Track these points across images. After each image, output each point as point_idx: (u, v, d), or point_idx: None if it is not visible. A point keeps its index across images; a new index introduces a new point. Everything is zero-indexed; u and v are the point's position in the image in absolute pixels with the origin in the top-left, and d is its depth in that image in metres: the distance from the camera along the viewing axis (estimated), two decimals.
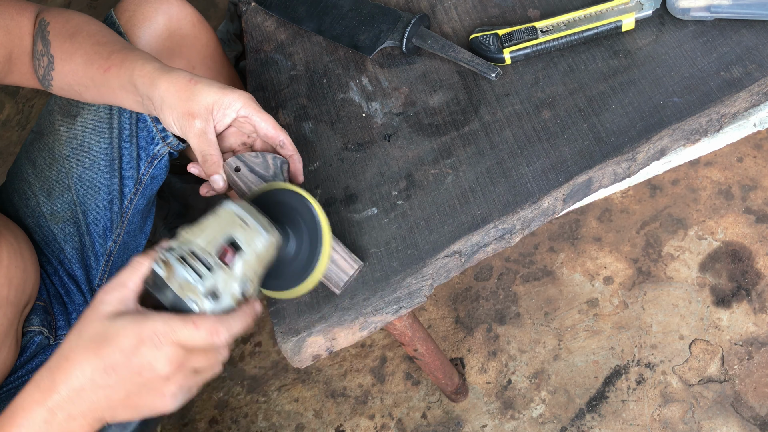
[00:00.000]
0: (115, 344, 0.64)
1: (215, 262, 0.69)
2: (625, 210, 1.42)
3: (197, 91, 0.82)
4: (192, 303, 0.68)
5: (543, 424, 1.29)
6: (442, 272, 0.86)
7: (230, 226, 0.71)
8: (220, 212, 0.73)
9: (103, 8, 2.12)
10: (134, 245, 1.12)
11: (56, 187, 1.06)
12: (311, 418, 1.40)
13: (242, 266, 0.70)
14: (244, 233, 0.71)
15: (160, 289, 0.69)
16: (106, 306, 0.67)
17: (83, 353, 0.65)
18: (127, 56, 0.87)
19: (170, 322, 0.65)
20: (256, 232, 0.71)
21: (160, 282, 0.69)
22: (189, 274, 0.68)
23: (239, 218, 0.72)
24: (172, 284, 0.68)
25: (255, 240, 0.71)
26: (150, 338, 0.64)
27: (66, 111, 1.06)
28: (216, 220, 0.72)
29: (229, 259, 0.69)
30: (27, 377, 0.98)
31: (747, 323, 1.28)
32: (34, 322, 1.00)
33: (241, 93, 0.84)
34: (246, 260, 0.70)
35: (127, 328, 0.65)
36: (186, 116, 0.82)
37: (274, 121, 0.86)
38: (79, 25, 0.93)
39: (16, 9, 0.95)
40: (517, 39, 0.92)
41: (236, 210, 0.72)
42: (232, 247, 0.70)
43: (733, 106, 0.85)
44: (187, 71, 0.84)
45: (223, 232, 0.71)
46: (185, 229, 0.72)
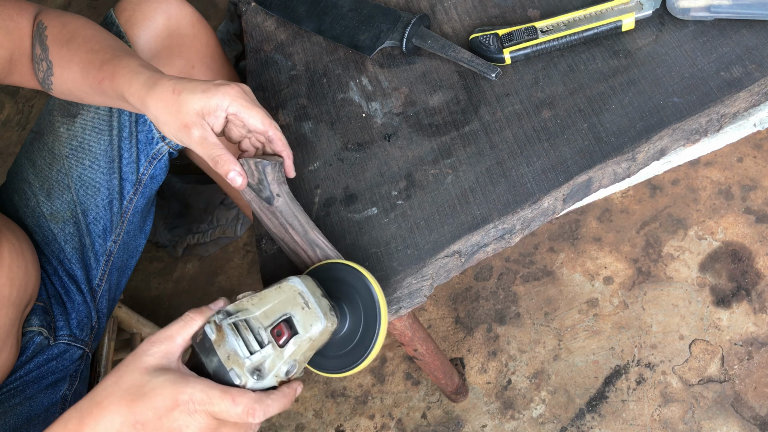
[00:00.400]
0: (149, 401, 0.63)
1: (268, 338, 0.68)
2: (625, 210, 1.42)
3: (183, 102, 0.79)
4: (235, 377, 0.66)
5: (543, 424, 1.29)
6: (442, 272, 0.86)
7: (291, 304, 0.70)
8: (283, 286, 0.71)
9: (103, 8, 2.12)
10: (134, 245, 1.12)
11: (56, 186, 1.06)
12: (311, 418, 1.40)
13: (294, 349, 0.69)
14: (303, 315, 0.69)
15: (206, 353, 0.67)
16: (149, 358, 0.66)
17: (117, 403, 0.64)
18: (117, 69, 0.85)
19: (209, 392, 0.64)
20: (315, 317, 0.70)
21: (209, 345, 0.67)
22: (239, 346, 0.67)
23: (302, 297, 0.70)
24: (219, 351, 0.67)
25: (313, 325, 0.69)
26: (186, 404, 0.63)
27: (66, 111, 1.06)
28: (278, 294, 0.70)
29: (283, 338, 0.68)
30: (26, 378, 0.98)
31: (747, 323, 1.28)
32: (34, 322, 0.99)
33: (227, 90, 0.80)
34: (299, 344, 0.69)
35: (165, 388, 0.64)
36: (181, 129, 0.80)
37: (264, 115, 0.82)
38: (75, 31, 0.93)
39: (16, 10, 0.95)
40: (517, 39, 0.92)
41: (300, 288, 0.71)
42: (287, 327, 0.69)
43: (733, 106, 0.85)
44: (171, 80, 0.81)
45: (283, 308, 0.69)
46: (245, 295, 0.70)
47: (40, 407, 0.97)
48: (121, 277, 1.12)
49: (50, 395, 0.99)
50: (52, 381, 1.00)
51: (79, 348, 1.04)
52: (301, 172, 0.96)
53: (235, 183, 0.82)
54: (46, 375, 1.00)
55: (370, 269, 0.86)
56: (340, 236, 0.89)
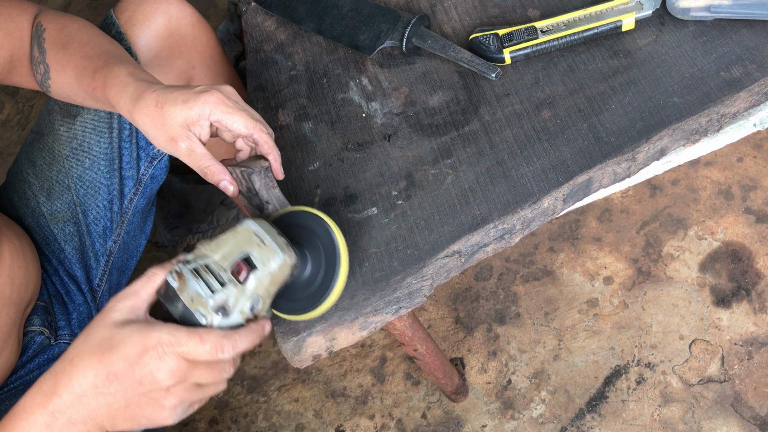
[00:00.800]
0: (119, 352, 0.64)
1: (228, 277, 0.69)
2: (625, 210, 1.42)
3: (166, 115, 0.79)
4: (201, 317, 0.68)
5: (543, 424, 1.29)
6: (442, 272, 0.86)
7: (247, 243, 0.71)
8: (238, 229, 0.73)
9: (103, 8, 2.12)
10: (134, 245, 1.12)
11: (56, 187, 1.06)
12: (311, 418, 1.40)
13: (255, 284, 0.70)
14: (260, 251, 0.71)
15: (171, 301, 0.69)
16: (116, 313, 0.67)
17: (87, 359, 0.65)
18: (107, 79, 0.85)
19: (176, 333, 0.65)
20: (272, 252, 0.71)
21: (172, 293, 0.69)
22: (201, 288, 0.68)
23: (257, 236, 0.72)
24: (183, 296, 0.68)
25: (270, 259, 0.71)
26: (154, 348, 0.64)
27: (66, 111, 1.06)
28: (234, 237, 0.72)
29: (243, 276, 0.70)
30: (28, 377, 0.98)
31: (747, 323, 1.28)
32: (35, 322, 1.00)
33: (206, 99, 0.79)
34: (259, 278, 0.70)
35: (132, 337, 0.65)
36: (169, 142, 0.80)
37: (247, 119, 0.81)
38: (72, 34, 0.92)
39: (17, 10, 0.95)
40: (517, 39, 0.92)
41: (254, 228, 0.72)
42: (246, 265, 0.70)
43: (733, 106, 0.85)
44: (155, 92, 0.80)
45: (240, 249, 0.71)
46: (203, 243, 0.72)
47: None
48: (121, 277, 1.12)
49: None
50: None
51: None
52: (301, 172, 0.96)
53: (228, 192, 0.83)
54: None
55: (370, 269, 0.86)
56: None
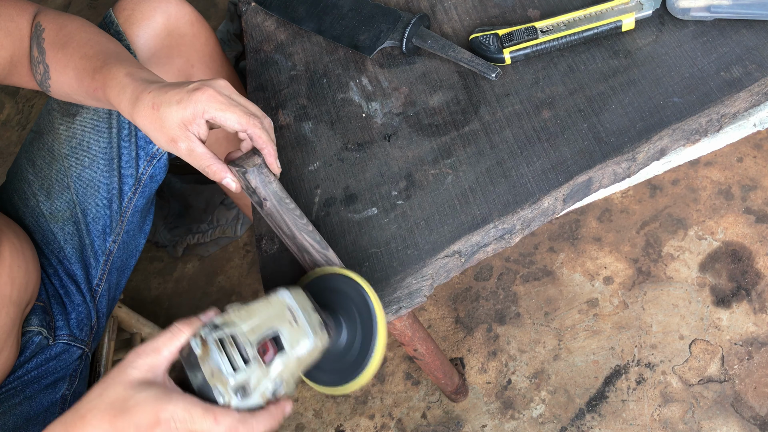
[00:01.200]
0: (131, 417, 0.63)
1: (254, 355, 0.65)
2: (625, 210, 1.42)
3: (163, 117, 0.78)
4: (219, 395, 0.65)
5: (543, 424, 1.29)
6: (442, 272, 0.86)
7: (279, 319, 0.68)
8: (272, 300, 0.69)
9: (103, 8, 2.12)
10: (133, 245, 1.12)
11: (56, 186, 1.06)
12: (311, 418, 1.40)
13: (281, 368, 0.67)
14: (290, 332, 0.67)
15: (191, 368, 0.66)
16: (134, 371, 0.66)
17: (99, 417, 0.64)
18: (107, 80, 0.85)
19: (191, 410, 0.63)
20: (303, 334, 0.68)
21: (194, 360, 0.66)
22: (223, 363, 0.65)
23: (290, 312, 0.68)
24: (204, 367, 0.65)
25: (300, 342, 0.68)
26: (167, 421, 0.63)
27: (65, 110, 1.06)
28: (266, 308, 0.68)
29: (269, 356, 0.66)
30: (25, 377, 0.98)
31: (747, 323, 1.28)
32: (33, 322, 0.99)
33: (199, 97, 0.78)
34: (285, 363, 0.67)
35: (147, 404, 0.63)
36: (169, 143, 0.80)
37: (240, 114, 0.79)
38: (71, 34, 0.92)
39: (17, 10, 0.95)
40: (517, 39, 0.92)
41: (289, 302, 0.69)
42: (274, 344, 0.67)
43: (733, 106, 0.85)
44: (152, 93, 0.80)
45: (270, 323, 0.67)
46: (234, 308, 0.68)
47: (39, 407, 0.97)
48: (120, 277, 1.12)
49: (50, 395, 0.99)
50: (51, 381, 1.00)
51: (78, 348, 1.04)
52: (301, 172, 0.96)
53: (231, 188, 0.82)
54: (46, 375, 1.00)
55: (370, 269, 0.86)
56: (340, 236, 0.89)
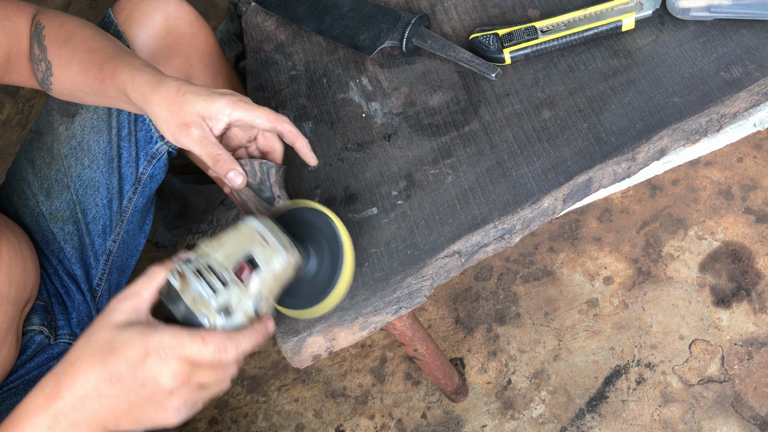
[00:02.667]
0: (121, 355, 0.64)
1: (231, 278, 0.68)
2: (625, 210, 1.42)
3: (186, 102, 0.79)
4: (203, 318, 0.67)
5: (543, 424, 1.29)
6: (442, 272, 0.86)
7: (250, 242, 0.70)
8: (241, 227, 0.72)
9: (103, 8, 2.12)
10: (134, 244, 1.12)
11: (55, 186, 1.06)
12: (311, 418, 1.40)
13: (258, 284, 0.69)
14: (263, 251, 0.70)
15: (173, 301, 0.68)
16: (117, 315, 0.67)
17: (89, 361, 0.65)
18: (118, 67, 0.85)
19: (178, 335, 0.65)
20: (275, 251, 0.71)
21: (174, 293, 0.68)
22: (203, 288, 0.67)
23: (260, 235, 0.71)
24: (185, 297, 0.67)
25: (273, 259, 0.70)
26: (156, 351, 0.64)
27: (65, 110, 1.06)
28: (236, 236, 0.71)
29: (246, 276, 0.69)
30: (27, 377, 0.98)
31: (747, 323, 1.28)
32: (34, 321, 0.99)
33: (228, 98, 0.80)
34: (262, 278, 0.70)
35: (134, 340, 0.64)
36: (181, 127, 0.80)
37: (269, 112, 0.81)
38: (73, 30, 0.92)
39: (14, 10, 0.95)
40: (517, 39, 0.92)
41: (257, 227, 0.72)
42: (249, 264, 0.69)
43: (733, 106, 0.85)
44: (177, 81, 0.81)
45: (242, 248, 0.70)
46: (205, 241, 0.71)
47: None
48: (121, 277, 1.12)
49: None
50: None
51: None
52: (301, 172, 0.96)
53: (235, 183, 0.81)
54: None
55: (370, 269, 0.86)
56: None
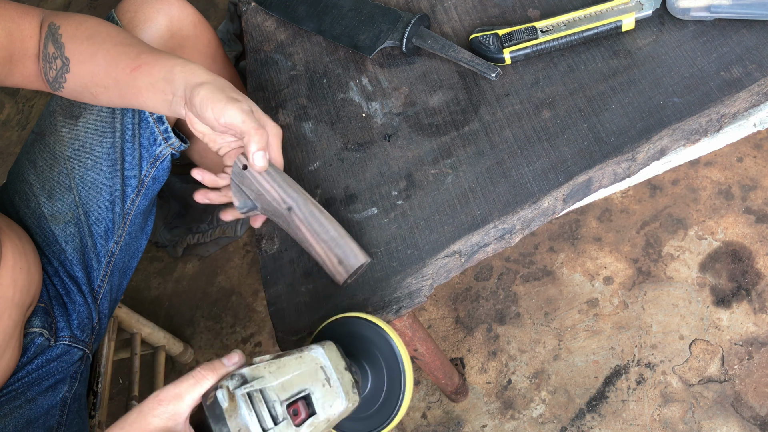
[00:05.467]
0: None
1: (283, 414, 0.63)
2: (625, 210, 1.42)
3: (223, 84, 0.83)
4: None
5: (543, 424, 1.29)
6: (442, 272, 0.86)
7: (311, 378, 0.65)
8: (305, 356, 0.66)
9: (102, 8, 2.12)
10: (135, 246, 1.12)
11: (57, 188, 1.06)
12: None
13: (309, 430, 0.64)
14: (323, 393, 0.65)
15: (217, 420, 0.62)
16: (156, 419, 0.64)
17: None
18: (159, 57, 0.88)
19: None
20: (336, 396, 0.65)
21: (220, 413, 0.62)
22: (252, 422, 0.62)
23: (324, 373, 0.66)
24: (230, 423, 0.62)
25: (333, 404, 0.65)
26: None
27: (68, 112, 1.06)
28: (298, 365, 0.65)
29: (300, 418, 0.63)
30: (27, 379, 0.98)
31: (747, 323, 1.28)
32: (35, 323, 0.99)
33: (272, 123, 0.84)
34: (315, 424, 0.64)
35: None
36: (228, 99, 0.81)
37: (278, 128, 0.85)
38: (94, 27, 0.94)
39: (18, 12, 0.95)
40: (517, 39, 0.92)
41: (323, 362, 0.66)
42: (305, 404, 0.64)
43: (733, 106, 0.85)
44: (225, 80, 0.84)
45: (302, 382, 0.64)
46: (263, 359, 0.66)
47: (39, 410, 0.97)
48: (122, 278, 1.12)
49: (50, 397, 0.99)
50: (52, 383, 1.00)
51: (79, 349, 1.04)
52: (301, 172, 0.96)
53: (259, 162, 0.82)
54: (47, 376, 1.00)
55: (370, 269, 0.86)
56: None
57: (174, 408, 0.64)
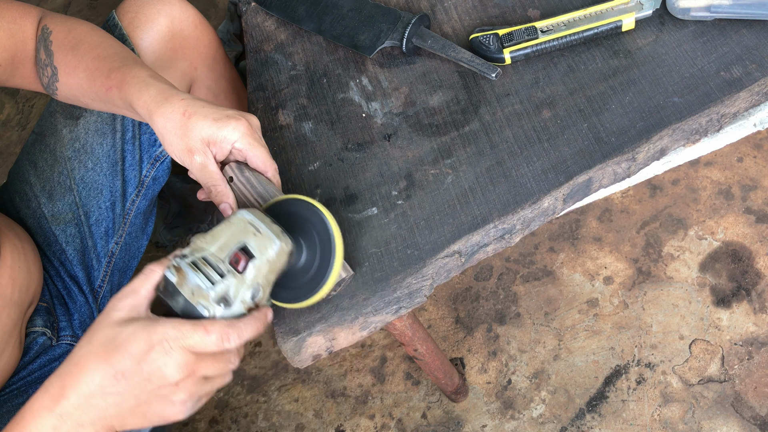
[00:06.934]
0: (124, 350, 0.64)
1: (227, 268, 0.69)
2: (625, 210, 1.43)
3: (192, 126, 0.79)
4: (203, 309, 0.68)
5: (543, 424, 1.29)
6: (442, 272, 0.86)
7: (243, 233, 0.71)
8: (233, 220, 0.73)
9: (103, 8, 2.12)
10: (136, 246, 1.12)
11: (58, 188, 1.06)
12: (311, 418, 1.40)
13: (254, 273, 0.70)
14: (256, 240, 0.71)
15: (171, 296, 0.69)
16: (117, 312, 0.67)
17: (93, 359, 0.65)
18: (126, 78, 0.85)
19: (180, 327, 0.65)
20: (268, 240, 0.72)
21: (172, 288, 0.69)
22: (201, 280, 0.68)
23: (252, 226, 0.72)
24: (183, 290, 0.68)
25: (267, 247, 0.71)
26: (160, 343, 0.64)
27: (68, 113, 1.06)
28: (229, 228, 0.72)
29: (241, 265, 0.70)
30: (29, 378, 0.98)
31: (747, 323, 1.28)
32: (37, 323, 1.00)
33: (237, 126, 0.80)
34: (258, 267, 0.71)
35: (137, 334, 0.64)
36: (185, 152, 0.81)
37: (266, 156, 0.83)
38: (81, 36, 0.92)
39: (19, 13, 0.95)
40: (517, 39, 0.92)
41: (249, 218, 0.73)
42: (244, 254, 0.70)
43: (733, 106, 0.85)
44: (183, 100, 0.81)
45: (236, 239, 0.71)
46: (198, 236, 0.72)
47: None
48: (122, 278, 1.12)
49: None
50: None
51: None
52: (301, 172, 0.96)
53: (226, 213, 0.84)
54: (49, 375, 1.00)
55: (370, 269, 0.86)
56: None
57: (132, 300, 0.68)
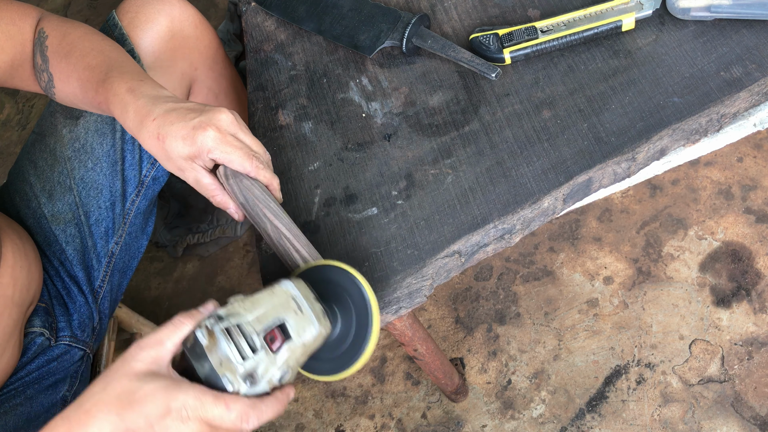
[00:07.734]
0: (141, 408, 0.62)
1: (261, 343, 0.66)
2: (625, 210, 1.43)
3: (169, 149, 0.78)
4: (228, 382, 0.65)
5: (543, 424, 1.29)
6: (442, 272, 0.86)
7: (284, 308, 0.69)
8: (276, 290, 0.70)
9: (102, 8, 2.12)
10: (136, 246, 1.12)
11: (58, 188, 1.06)
12: (311, 418, 1.40)
13: (287, 355, 0.68)
14: (296, 320, 0.69)
15: (198, 358, 0.66)
16: (138, 363, 0.65)
17: (106, 410, 0.62)
18: (108, 96, 0.84)
19: (202, 398, 0.63)
20: (308, 322, 0.69)
21: (200, 350, 0.66)
22: (231, 352, 0.65)
23: (295, 302, 0.69)
24: (211, 357, 0.65)
25: (306, 330, 0.69)
26: (178, 411, 0.62)
27: (68, 113, 1.06)
28: (270, 298, 0.69)
29: (276, 345, 0.67)
30: (27, 378, 0.98)
31: (747, 323, 1.28)
32: (36, 323, 0.99)
33: (204, 138, 0.77)
34: (292, 349, 0.68)
35: (156, 394, 0.62)
36: (176, 171, 0.81)
37: (242, 157, 0.79)
38: (74, 43, 0.92)
39: (18, 14, 0.95)
40: (517, 39, 0.92)
41: (293, 292, 0.70)
42: (281, 333, 0.68)
43: (733, 106, 0.85)
44: (155, 122, 0.79)
45: (276, 313, 0.68)
46: (237, 299, 0.69)
47: (40, 408, 0.97)
48: (122, 279, 1.12)
49: (50, 396, 0.99)
50: (52, 382, 1.00)
51: (80, 349, 1.04)
52: (301, 172, 0.96)
53: (234, 218, 0.84)
54: (47, 376, 1.00)
55: (370, 269, 0.86)
56: (340, 236, 0.89)
57: (156, 352, 0.66)
